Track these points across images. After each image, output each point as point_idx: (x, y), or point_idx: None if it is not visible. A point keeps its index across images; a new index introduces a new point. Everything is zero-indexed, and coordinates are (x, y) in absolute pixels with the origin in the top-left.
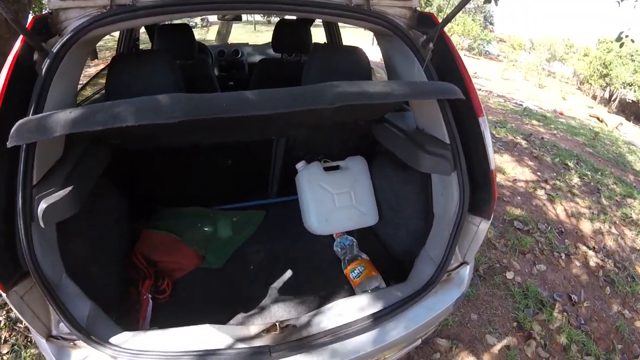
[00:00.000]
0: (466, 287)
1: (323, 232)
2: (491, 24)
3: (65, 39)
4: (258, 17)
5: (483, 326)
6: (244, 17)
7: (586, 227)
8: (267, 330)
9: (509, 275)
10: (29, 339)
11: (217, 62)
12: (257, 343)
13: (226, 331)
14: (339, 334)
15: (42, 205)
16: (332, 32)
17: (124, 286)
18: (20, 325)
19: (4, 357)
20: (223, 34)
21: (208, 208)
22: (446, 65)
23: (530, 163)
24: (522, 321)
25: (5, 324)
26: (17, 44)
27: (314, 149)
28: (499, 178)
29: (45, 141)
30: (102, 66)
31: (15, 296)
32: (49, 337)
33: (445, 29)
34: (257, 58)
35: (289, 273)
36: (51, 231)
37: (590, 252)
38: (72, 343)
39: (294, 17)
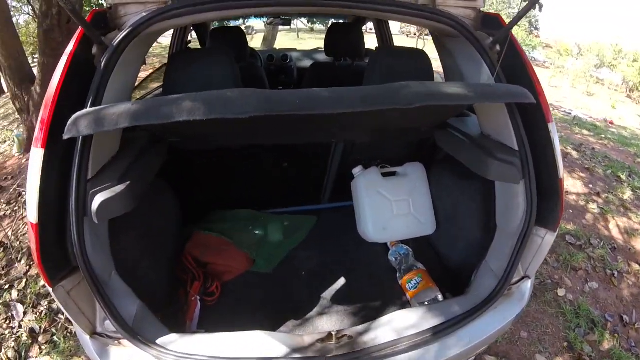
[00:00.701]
0: (526, 303)
1: (379, 240)
2: (536, 29)
3: (125, 32)
4: (301, 24)
5: (533, 345)
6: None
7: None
8: (322, 340)
9: (561, 292)
10: (69, 331)
11: (266, 67)
12: (311, 353)
13: (279, 339)
14: (396, 348)
15: (97, 201)
16: (384, 37)
17: (172, 287)
18: (62, 316)
19: (42, 347)
20: (269, 40)
21: (259, 211)
22: (514, 68)
23: (581, 175)
24: (573, 341)
25: (46, 314)
26: (75, 38)
27: (371, 154)
28: None
29: (101, 136)
30: (150, 71)
31: (62, 291)
32: (93, 334)
33: None
34: (305, 63)
35: (341, 281)
36: (103, 227)
37: None
38: (116, 342)
39: (346, 21)
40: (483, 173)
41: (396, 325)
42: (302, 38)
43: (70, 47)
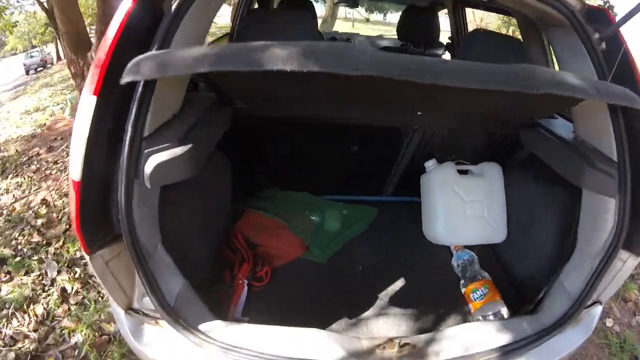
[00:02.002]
0: (593, 330)
1: (447, 242)
2: None
3: None
4: (357, 14)
5: None
6: (342, 14)
7: None
8: (383, 347)
9: (609, 322)
10: (101, 295)
11: None
12: (372, 359)
13: (335, 340)
14: None
15: (152, 162)
16: (459, 24)
17: (219, 267)
18: (96, 279)
19: (71, 307)
20: (328, 22)
21: (317, 196)
22: (620, 69)
23: None
24: None
25: (80, 275)
26: None
27: (447, 148)
28: None
29: (163, 89)
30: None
31: (100, 260)
32: (128, 309)
33: None
34: (373, 47)
35: (400, 282)
36: (154, 194)
37: None
38: (153, 321)
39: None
40: (576, 181)
41: (463, 339)
42: (357, 28)
43: None
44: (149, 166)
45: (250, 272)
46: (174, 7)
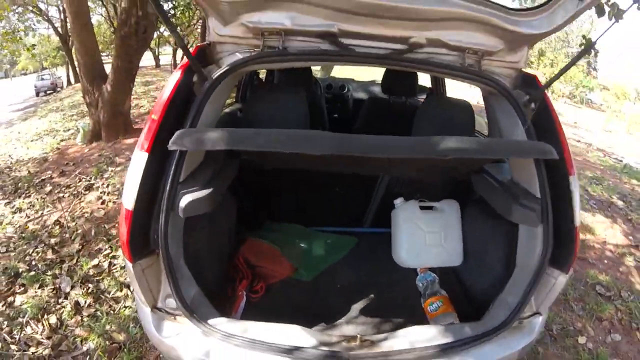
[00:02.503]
0: (535, 337)
1: (410, 265)
2: (595, 69)
3: (224, 69)
4: None
5: None
6: None
7: None
8: (348, 341)
9: (581, 340)
10: (112, 308)
11: (324, 94)
12: (338, 349)
13: (311, 334)
14: (407, 356)
15: (186, 200)
16: (438, 79)
17: (224, 282)
18: (108, 295)
19: (84, 319)
20: (328, 66)
21: (307, 227)
22: (545, 124)
23: (623, 226)
24: None
25: (92, 291)
26: (181, 67)
27: (413, 188)
28: (588, 238)
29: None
30: None
31: (139, 268)
32: (153, 307)
33: (546, 73)
34: (361, 94)
35: (371, 296)
36: (180, 222)
37: None
38: (172, 317)
39: None
40: (507, 215)
41: (411, 338)
42: (358, 68)
43: (177, 75)
44: (183, 202)
45: (249, 286)
46: (204, 90)
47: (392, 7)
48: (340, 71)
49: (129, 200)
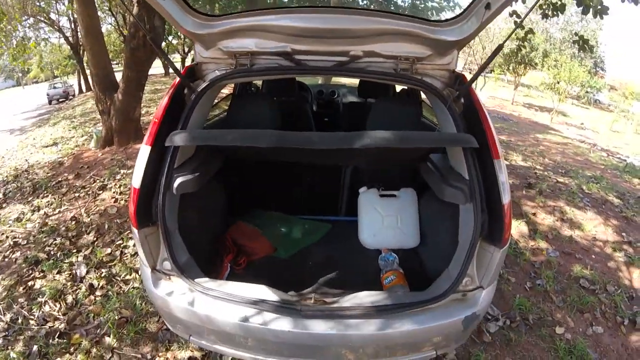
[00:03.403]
0: (479, 310)
1: (371, 246)
2: (602, 69)
3: (206, 84)
4: None
5: None
6: None
7: None
8: (304, 299)
9: (559, 330)
10: (122, 289)
11: (316, 100)
12: (295, 303)
13: (275, 292)
14: (351, 312)
15: (179, 180)
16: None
17: (212, 255)
18: (118, 278)
19: (97, 298)
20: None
21: (288, 215)
22: (472, 116)
23: (615, 223)
24: None
25: (106, 275)
26: (174, 83)
27: (375, 178)
28: (576, 234)
29: (185, 145)
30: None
31: (142, 234)
32: (153, 269)
33: (552, 74)
34: (350, 98)
35: (337, 272)
36: (176, 200)
37: None
38: (168, 277)
39: None
40: (440, 195)
41: (358, 300)
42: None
43: (171, 90)
44: (176, 182)
45: (233, 260)
46: (192, 100)
47: (329, 29)
48: (337, 78)
49: (136, 181)
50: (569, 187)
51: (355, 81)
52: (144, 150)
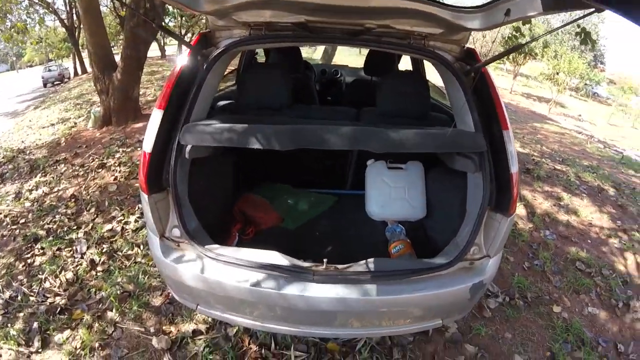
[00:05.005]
0: (485, 278)
1: (379, 217)
2: (602, 62)
3: (222, 49)
4: None
5: (515, 346)
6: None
7: None
8: (317, 265)
9: (556, 309)
10: (124, 264)
11: (319, 79)
12: (307, 269)
13: (286, 258)
14: (362, 277)
15: (189, 148)
16: (417, 61)
17: (222, 223)
18: (120, 253)
19: (98, 274)
20: (329, 53)
21: (296, 188)
22: (484, 89)
23: (611, 210)
24: (557, 352)
25: (107, 250)
26: (185, 54)
27: (383, 153)
28: (572, 219)
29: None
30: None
31: (152, 200)
32: (161, 236)
33: (552, 65)
34: (352, 78)
35: (344, 242)
36: (187, 165)
37: None
38: (176, 244)
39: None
40: (452, 165)
41: (368, 265)
42: (363, 54)
43: (184, 58)
44: (187, 149)
45: (241, 229)
46: (204, 66)
47: (346, 6)
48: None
49: (147, 145)
50: (566, 175)
51: (358, 63)
52: (156, 114)
